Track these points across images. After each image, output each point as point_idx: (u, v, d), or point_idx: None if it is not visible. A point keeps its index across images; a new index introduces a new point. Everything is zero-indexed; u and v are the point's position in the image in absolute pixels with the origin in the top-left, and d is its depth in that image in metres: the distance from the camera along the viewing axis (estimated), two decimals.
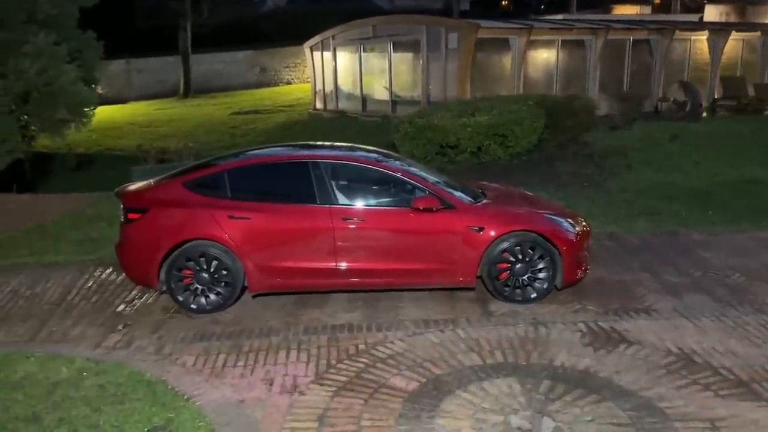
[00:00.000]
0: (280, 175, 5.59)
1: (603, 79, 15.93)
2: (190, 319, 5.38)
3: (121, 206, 5.61)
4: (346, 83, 18.92)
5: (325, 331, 5.07)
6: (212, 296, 5.41)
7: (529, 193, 6.73)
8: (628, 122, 13.29)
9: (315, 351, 4.71)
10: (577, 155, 11.15)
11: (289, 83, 31.80)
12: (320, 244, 5.38)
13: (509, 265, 5.52)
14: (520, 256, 5.50)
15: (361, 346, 4.77)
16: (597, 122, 12.50)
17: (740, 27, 18.95)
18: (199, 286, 5.39)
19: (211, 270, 5.36)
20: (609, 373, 4.26)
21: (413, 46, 16.15)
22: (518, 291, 5.55)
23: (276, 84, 31.57)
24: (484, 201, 5.84)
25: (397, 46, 16.77)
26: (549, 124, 11.16)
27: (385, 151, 6.60)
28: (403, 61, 17.00)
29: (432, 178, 5.93)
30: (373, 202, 5.65)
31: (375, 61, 17.84)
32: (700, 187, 9.69)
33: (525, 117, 10.62)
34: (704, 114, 14.78)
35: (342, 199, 5.55)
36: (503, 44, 15.11)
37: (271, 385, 4.22)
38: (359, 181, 5.81)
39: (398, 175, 5.66)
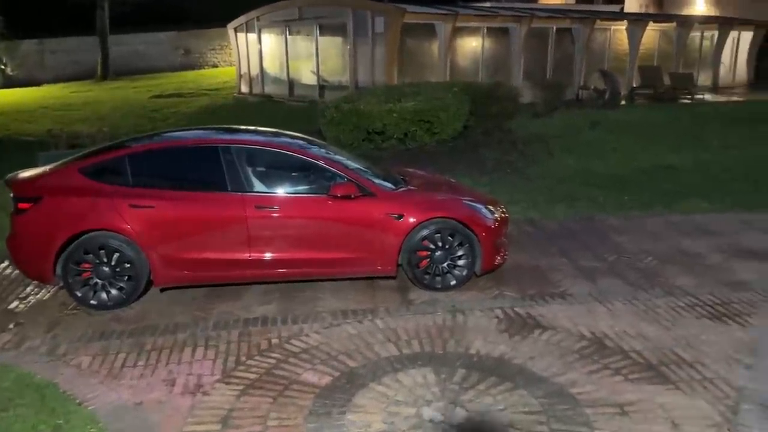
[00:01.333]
0: (188, 160, 5.27)
1: (527, 67, 16.17)
2: (89, 317, 5.01)
3: (11, 195, 5.15)
4: (272, 67, 18.43)
5: (237, 325, 4.83)
6: (114, 291, 5.06)
7: (451, 180, 6.68)
8: (550, 110, 13.56)
9: (224, 347, 4.47)
10: (502, 142, 11.25)
11: (215, 66, 30.81)
12: (232, 233, 5.12)
13: (429, 252, 5.43)
14: (439, 244, 5.42)
15: (275, 341, 4.57)
16: (520, 110, 12.67)
17: (657, 18, 19.67)
18: (99, 281, 5.02)
19: (112, 263, 5.00)
20: (523, 359, 4.24)
21: (340, 30, 15.88)
22: (438, 278, 5.47)
23: (201, 67, 30.52)
24: (405, 188, 5.72)
25: (324, 29, 16.45)
26: (474, 111, 11.19)
27: (310, 137, 6.37)
28: (330, 44, 16.70)
29: (353, 165, 5.76)
30: (289, 189, 5.43)
31: (302, 44, 17.44)
32: (617, 173, 9.95)
33: (450, 103, 10.60)
34: (623, 102, 15.26)
35: (257, 186, 5.29)
36: (430, 30, 15.06)
37: (172, 385, 3.96)
38: (276, 167, 5.56)
39: (317, 161, 5.45)
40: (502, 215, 5.78)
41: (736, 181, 9.32)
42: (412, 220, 5.33)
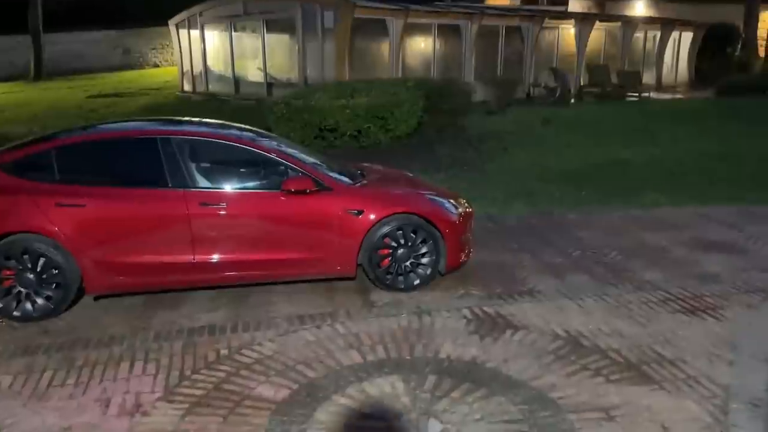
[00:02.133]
0: (123, 153, 4.77)
1: (478, 65, 16.08)
2: (12, 330, 4.44)
3: None
4: (216, 64, 17.76)
5: (181, 336, 4.36)
6: (40, 301, 4.50)
7: (409, 175, 6.35)
8: (502, 107, 13.45)
9: (166, 361, 3.99)
10: (456, 139, 11.03)
11: (156, 66, 29.67)
12: (173, 234, 4.64)
13: (391, 251, 5.09)
14: (402, 241, 5.08)
15: (224, 352, 4.12)
16: (473, 107, 12.51)
17: (603, 18, 19.97)
18: (23, 290, 4.46)
19: (38, 269, 4.45)
20: (497, 362, 3.94)
21: (288, 25, 15.39)
22: (401, 278, 5.13)
23: (142, 67, 29.33)
24: (363, 182, 5.36)
25: (271, 25, 15.92)
26: (427, 108, 10.93)
27: (260, 130, 5.93)
28: (278, 40, 16.18)
29: (308, 158, 5.36)
30: (238, 184, 4.99)
31: (248, 40, 16.85)
32: (572, 168, 9.86)
33: (405, 99, 10.30)
34: (572, 99, 15.34)
35: (201, 181, 4.83)
36: (381, 26, 14.76)
37: (107, 406, 3.47)
38: (223, 161, 5.11)
39: (268, 154, 5.02)
40: (466, 210, 5.49)
41: (689, 175, 9.35)
42: (372, 216, 4.97)
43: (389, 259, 5.10)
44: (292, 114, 10.18)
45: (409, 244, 5.10)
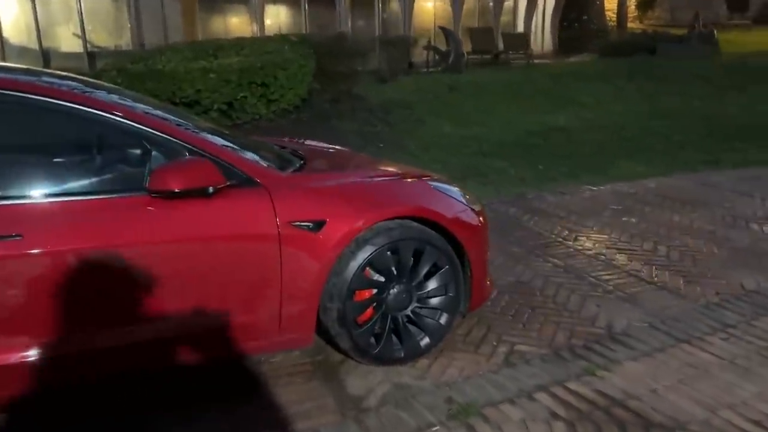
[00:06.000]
0: None
1: (355, 28, 13.80)
2: None
3: None
4: (15, 34, 13.65)
5: None
6: None
7: (362, 154, 3.95)
8: (395, 74, 11.34)
9: None
10: (356, 110, 8.66)
11: None
12: None
13: (377, 291, 2.68)
14: (395, 271, 2.69)
15: None
16: (360, 75, 10.22)
17: None
18: None
19: None
20: None
21: None
22: (396, 341, 2.75)
23: None
24: (309, 168, 2.86)
25: None
26: (317, 72, 8.46)
27: (99, 81, 3.12)
28: None
29: (200, 126, 2.75)
30: (56, 187, 2.28)
31: (57, 1, 13.04)
32: (509, 138, 7.97)
33: (291, 59, 7.72)
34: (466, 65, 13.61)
35: None
36: None
37: None
38: (25, 138, 2.37)
39: (123, 120, 2.36)
40: (480, 205, 3.20)
41: (645, 139, 7.85)
42: (342, 230, 2.52)
43: (374, 308, 2.69)
44: (130, 83, 7.18)
45: (411, 274, 2.73)
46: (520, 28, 19.44)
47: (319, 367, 2.76)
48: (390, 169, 3.15)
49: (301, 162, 2.88)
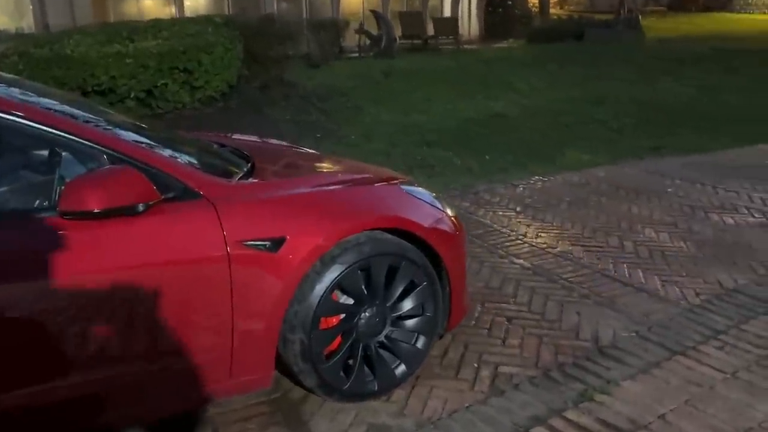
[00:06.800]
0: None
1: (280, 7, 13.12)
2: None
3: None
4: None
5: None
6: None
7: (309, 151, 3.51)
8: (326, 59, 10.83)
9: None
10: (290, 98, 8.14)
11: None
12: None
13: (345, 317, 2.28)
14: (366, 292, 2.30)
15: None
16: (292, 59, 9.67)
17: None
18: None
19: None
20: None
21: None
22: (368, 372, 2.36)
23: None
24: (261, 173, 2.40)
25: None
26: (245, 57, 7.87)
27: None
28: None
29: (117, 125, 2.23)
30: None
31: None
32: (450, 127, 7.68)
33: (216, 42, 7.10)
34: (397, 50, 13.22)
35: None
36: None
37: None
38: None
39: (23, 119, 1.83)
40: (453, 211, 2.84)
41: (585, 126, 7.75)
42: (307, 247, 2.10)
43: (343, 335, 2.29)
44: (33, 70, 6.38)
45: (385, 295, 2.35)
46: (447, 12, 19.28)
47: (277, 407, 2.34)
48: (353, 170, 2.74)
49: (249, 165, 2.43)
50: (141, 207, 1.82)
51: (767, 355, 2.61)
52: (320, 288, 2.16)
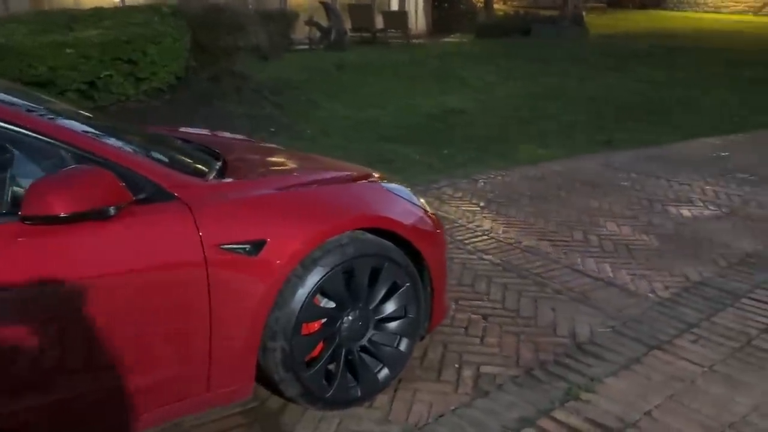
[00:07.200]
0: None
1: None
2: None
3: None
4: None
5: None
6: None
7: (280, 148, 3.37)
8: (276, 51, 10.57)
9: None
10: (241, 91, 7.88)
11: None
12: None
13: (327, 322, 2.18)
14: (347, 295, 2.20)
15: None
16: (242, 51, 9.40)
17: None
18: None
19: None
20: None
21: None
22: (351, 379, 2.27)
23: None
24: (235, 171, 2.26)
25: None
26: (193, 48, 7.59)
27: None
28: None
29: (80, 119, 2.05)
30: None
31: None
32: (408, 122, 7.63)
33: (163, 31, 6.80)
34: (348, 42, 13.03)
35: None
36: None
37: None
38: None
39: None
40: (430, 209, 2.78)
41: (538, 121, 7.82)
42: (288, 249, 1.99)
43: (325, 341, 2.19)
44: None
45: (368, 297, 2.26)
46: (395, 6, 19.20)
47: (254, 418, 2.22)
48: (329, 167, 2.63)
49: (220, 163, 2.28)
50: (112, 210, 1.67)
51: (740, 347, 2.66)
52: (302, 292, 2.05)
